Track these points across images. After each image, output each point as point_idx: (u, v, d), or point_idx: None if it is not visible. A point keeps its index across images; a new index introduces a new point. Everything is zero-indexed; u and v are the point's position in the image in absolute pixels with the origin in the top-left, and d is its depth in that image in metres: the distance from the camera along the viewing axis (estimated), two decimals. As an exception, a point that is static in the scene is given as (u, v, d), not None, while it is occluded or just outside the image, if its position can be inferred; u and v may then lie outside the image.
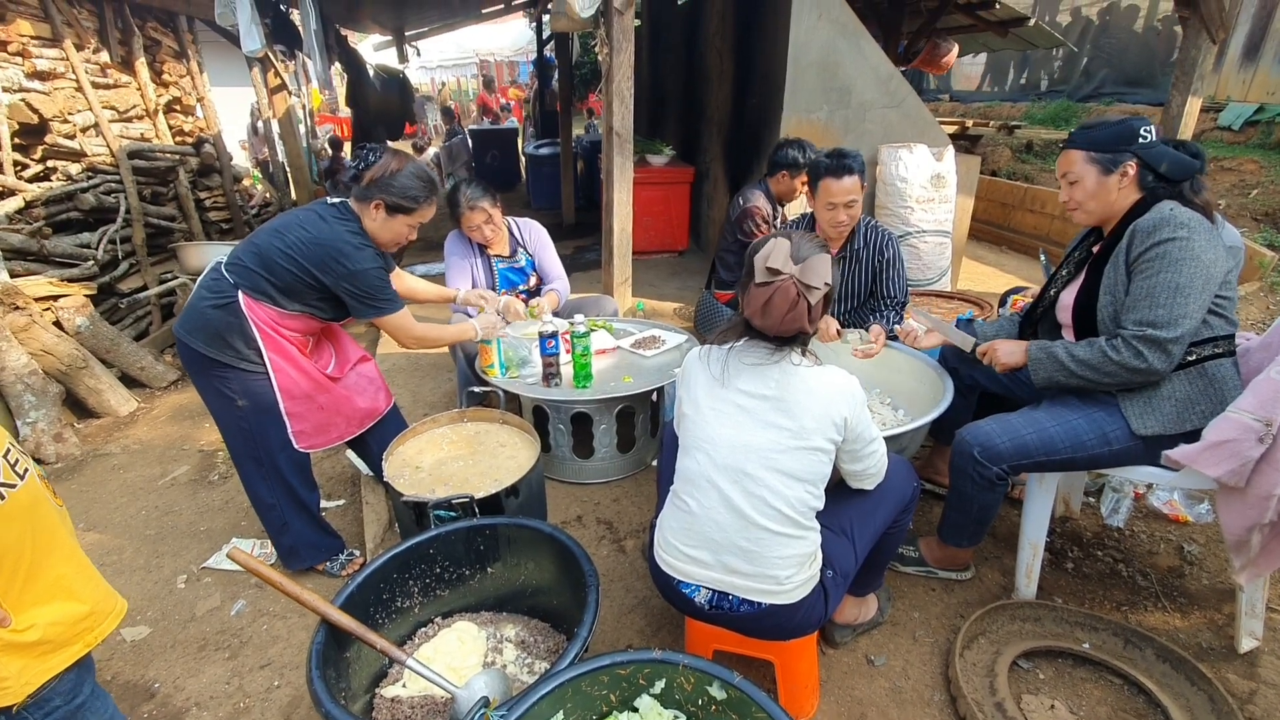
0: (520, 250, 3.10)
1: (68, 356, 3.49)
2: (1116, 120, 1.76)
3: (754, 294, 1.40)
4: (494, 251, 3.03)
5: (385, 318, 2.08)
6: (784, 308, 1.37)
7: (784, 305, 1.36)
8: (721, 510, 1.44)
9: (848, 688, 1.83)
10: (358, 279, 1.97)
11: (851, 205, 2.43)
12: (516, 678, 1.66)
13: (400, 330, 2.16)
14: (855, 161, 2.39)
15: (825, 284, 1.37)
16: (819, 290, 1.37)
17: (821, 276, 1.37)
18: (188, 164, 5.30)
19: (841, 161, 2.38)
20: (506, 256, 3.07)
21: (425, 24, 8.49)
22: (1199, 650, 1.93)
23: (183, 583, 2.35)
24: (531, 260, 3.12)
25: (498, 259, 3.05)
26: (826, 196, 2.42)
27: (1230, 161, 6.22)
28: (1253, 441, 1.58)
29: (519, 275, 3.11)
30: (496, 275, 3.05)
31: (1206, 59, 4.08)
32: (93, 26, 4.65)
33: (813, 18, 3.87)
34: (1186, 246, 1.62)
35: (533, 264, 3.12)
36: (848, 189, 2.39)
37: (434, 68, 18.92)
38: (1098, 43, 9.92)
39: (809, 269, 1.36)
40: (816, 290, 1.36)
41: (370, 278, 1.99)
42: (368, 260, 1.98)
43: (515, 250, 3.09)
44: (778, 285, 1.37)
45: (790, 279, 1.36)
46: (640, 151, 5.62)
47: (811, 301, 1.36)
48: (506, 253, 3.07)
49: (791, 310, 1.36)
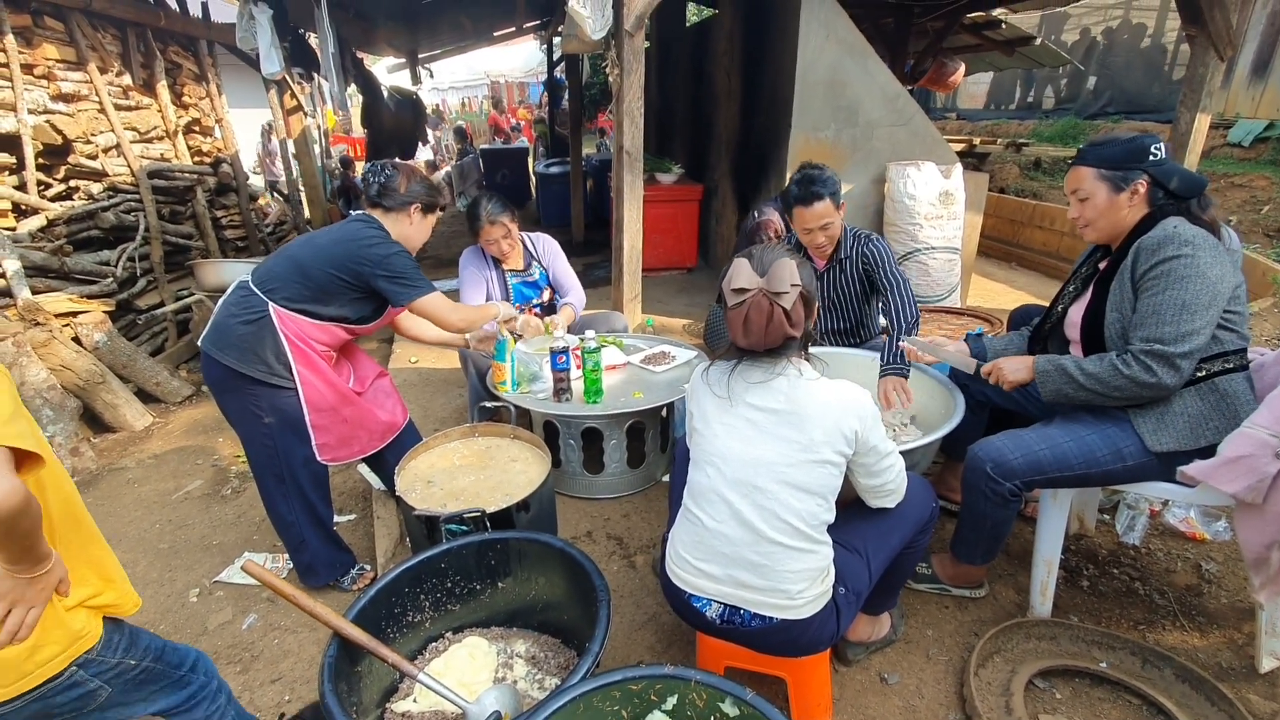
0: (534, 264, 3.14)
1: (86, 372, 3.54)
2: (1128, 137, 1.77)
3: (732, 317, 1.42)
4: (509, 266, 3.07)
5: (423, 300, 2.13)
6: (761, 322, 1.38)
7: (760, 319, 1.38)
8: (732, 524, 1.44)
9: (861, 706, 1.81)
10: (391, 261, 2.05)
11: (826, 228, 2.45)
12: (527, 694, 1.65)
13: (439, 313, 2.20)
14: (824, 187, 2.39)
15: (794, 285, 1.37)
16: (789, 294, 1.37)
17: (787, 280, 1.37)
18: (205, 183, 5.41)
19: (810, 189, 2.39)
20: (521, 270, 3.11)
21: (438, 46, 8.64)
22: (1219, 670, 1.89)
23: (195, 596, 2.36)
24: (545, 274, 3.16)
25: (512, 273, 3.08)
26: (801, 223, 2.46)
27: (1241, 178, 6.20)
28: (1269, 457, 1.57)
29: (533, 289, 3.15)
30: (511, 290, 3.08)
31: (1214, 76, 4.08)
32: (116, 50, 4.77)
33: (820, 37, 3.92)
34: (1192, 264, 1.62)
35: (546, 278, 3.16)
36: (819, 214, 2.41)
37: (445, 89, 19.22)
38: (1104, 61, 9.97)
39: (773, 277, 1.38)
40: (786, 295, 1.37)
41: (403, 259, 2.08)
42: (396, 247, 2.08)
43: (530, 264, 3.13)
44: (750, 302, 1.39)
45: (759, 292, 1.38)
46: (649, 170, 5.67)
47: (786, 307, 1.37)
48: (521, 267, 3.11)
49: (769, 322, 1.38)
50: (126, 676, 1.26)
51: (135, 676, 1.28)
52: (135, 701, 1.31)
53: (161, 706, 1.36)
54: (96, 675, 1.20)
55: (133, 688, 1.28)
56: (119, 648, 1.24)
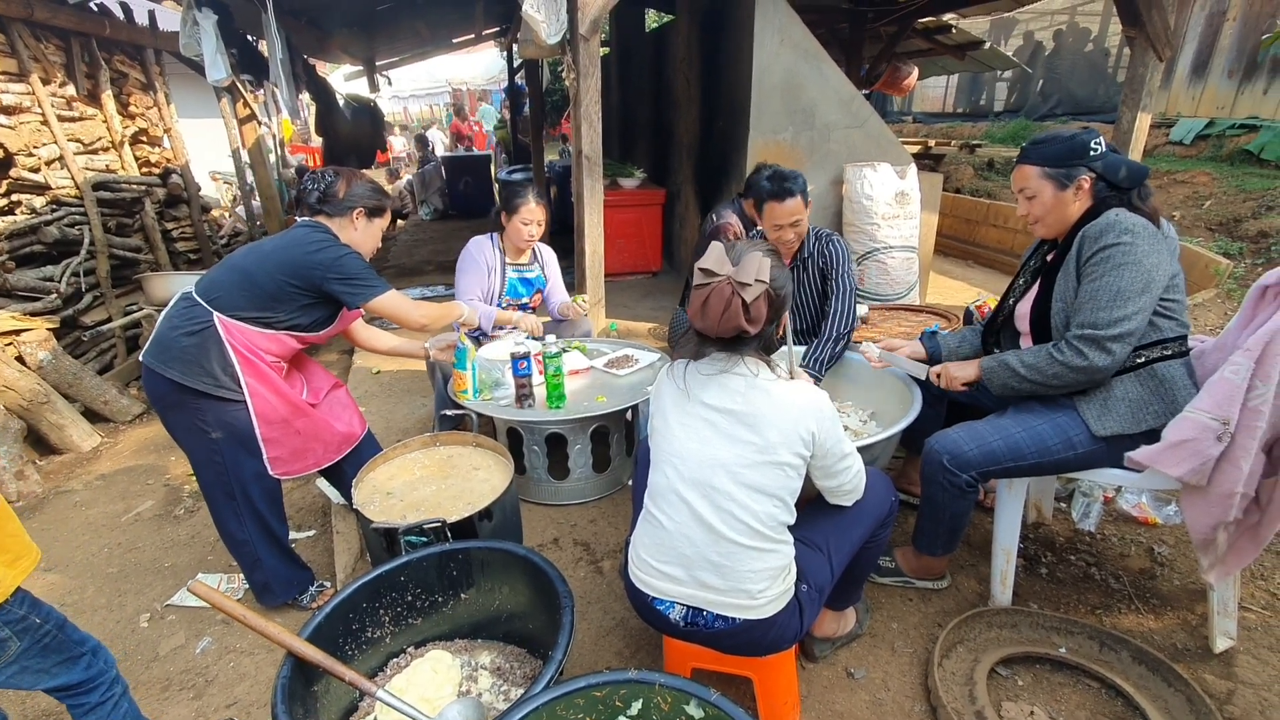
0: (537, 264, 3.22)
1: (29, 392, 3.40)
2: (1068, 135, 1.81)
3: (694, 296, 1.43)
4: (513, 260, 3.12)
5: (379, 299, 2.07)
6: (719, 307, 1.38)
7: (719, 305, 1.38)
8: (692, 525, 1.44)
9: (828, 702, 1.82)
10: (342, 263, 1.99)
11: (796, 224, 2.47)
12: (492, 706, 1.62)
13: (398, 311, 2.14)
14: (796, 184, 2.42)
15: (759, 280, 1.37)
16: (753, 288, 1.37)
17: (753, 274, 1.37)
18: (154, 195, 5.24)
19: (783, 185, 2.41)
20: (525, 265, 3.17)
21: (396, 54, 8.55)
22: (1174, 651, 1.94)
23: (146, 621, 2.27)
24: (544, 279, 3.24)
25: (514, 266, 3.13)
26: (772, 219, 2.47)
27: (1183, 175, 6.44)
28: (1211, 440, 1.62)
29: (526, 287, 3.18)
30: (506, 284, 3.11)
31: (1154, 76, 4.23)
32: (59, 60, 4.60)
33: (775, 42, 3.97)
34: (1130, 251, 1.67)
35: (544, 281, 3.24)
36: (790, 210, 2.43)
37: (406, 97, 19.02)
38: (1051, 64, 10.29)
39: (743, 268, 1.38)
40: (750, 287, 1.37)
41: (353, 260, 2.03)
42: (346, 249, 2.03)
43: (533, 263, 3.21)
44: (713, 286, 1.39)
45: (725, 279, 1.38)
46: (611, 175, 5.67)
47: (746, 299, 1.37)
48: (526, 261, 3.18)
49: (726, 309, 1.38)
50: (34, 634, 1.36)
51: (40, 639, 1.37)
52: (37, 670, 1.39)
53: (61, 681, 1.43)
54: (6, 624, 1.31)
55: (37, 653, 1.37)
56: (25, 603, 1.35)
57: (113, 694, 1.52)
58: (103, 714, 1.50)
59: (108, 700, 1.51)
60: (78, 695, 1.47)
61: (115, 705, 1.52)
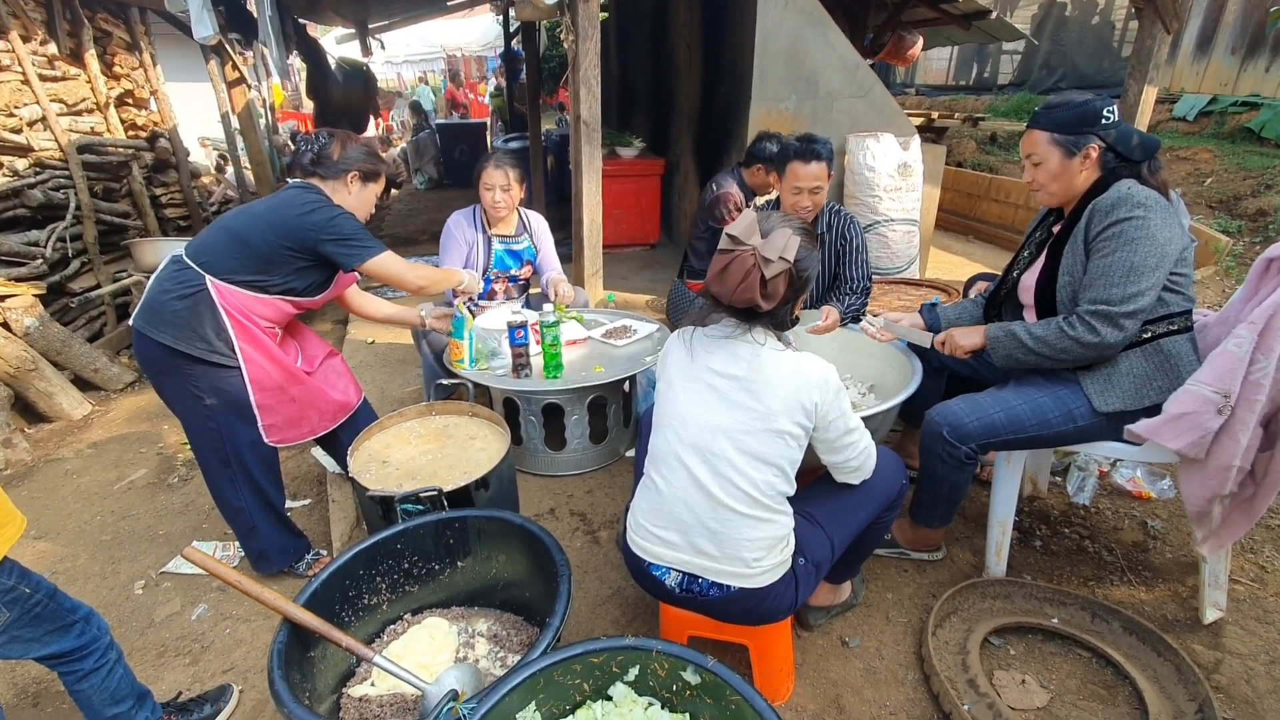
0: (525, 235, 3.11)
1: (16, 359, 3.35)
2: (1081, 100, 1.76)
3: (716, 260, 1.41)
4: (498, 231, 3.01)
5: (375, 260, 2.01)
6: (738, 276, 1.36)
7: (739, 274, 1.36)
8: (690, 489, 1.43)
9: (823, 670, 1.83)
10: (337, 224, 1.94)
11: (816, 191, 2.43)
12: (489, 672, 1.63)
13: (394, 272, 2.08)
14: (824, 148, 2.39)
15: (783, 259, 1.35)
16: (775, 264, 1.35)
17: (779, 250, 1.35)
18: (141, 159, 5.13)
19: (810, 146, 2.38)
20: (510, 236, 3.06)
21: (389, 16, 8.33)
22: (1165, 622, 1.97)
23: (140, 588, 2.27)
24: (533, 250, 3.13)
25: (499, 238, 3.02)
26: (793, 180, 2.43)
27: (1185, 151, 6.38)
28: (1212, 413, 1.62)
29: (514, 259, 3.10)
30: (492, 257, 3.02)
31: (1161, 49, 4.17)
32: (40, 18, 4.45)
33: (779, 6, 3.88)
34: (1143, 225, 1.64)
35: (534, 253, 3.14)
36: (814, 174, 2.39)
37: (400, 62, 18.61)
38: (1057, 37, 10.13)
39: (770, 242, 1.36)
40: (773, 264, 1.35)
41: (348, 221, 1.98)
42: (339, 210, 1.98)
43: (520, 233, 3.10)
44: (736, 254, 1.37)
45: (750, 250, 1.36)
46: (610, 144, 5.58)
47: (766, 274, 1.35)
48: (511, 233, 3.06)
49: (744, 280, 1.35)
50: (23, 604, 1.35)
51: (31, 608, 1.37)
52: (29, 640, 1.39)
53: (54, 649, 1.43)
54: None
55: (28, 622, 1.37)
56: (14, 574, 1.35)
57: (107, 660, 1.52)
58: (97, 680, 1.50)
59: (102, 666, 1.51)
60: (70, 662, 1.47)
61: (110, 671, 1.52)
